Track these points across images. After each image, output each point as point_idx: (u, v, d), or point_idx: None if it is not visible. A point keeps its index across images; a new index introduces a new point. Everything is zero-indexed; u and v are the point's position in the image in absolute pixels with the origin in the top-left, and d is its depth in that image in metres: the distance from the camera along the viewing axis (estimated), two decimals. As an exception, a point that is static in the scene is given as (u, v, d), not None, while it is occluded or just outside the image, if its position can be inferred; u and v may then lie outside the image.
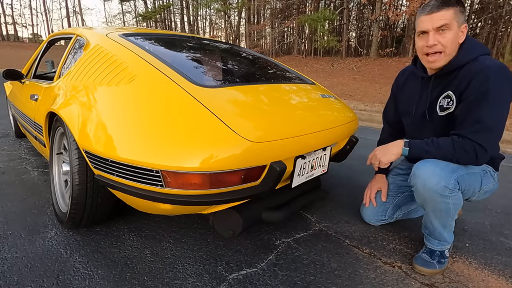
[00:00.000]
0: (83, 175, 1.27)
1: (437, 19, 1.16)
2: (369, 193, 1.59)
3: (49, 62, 8.87)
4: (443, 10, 1.15)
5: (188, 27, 27.01)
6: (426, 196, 1.21)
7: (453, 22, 1.16)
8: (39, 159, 2.51)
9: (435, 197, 1.18)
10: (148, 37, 1.77)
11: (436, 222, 1.26)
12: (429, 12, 1.18)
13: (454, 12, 1.15)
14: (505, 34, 12.63)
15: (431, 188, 1.18)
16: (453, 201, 1.19)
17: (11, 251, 1.31)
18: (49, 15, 50.82)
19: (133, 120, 1.14)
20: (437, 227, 1.27)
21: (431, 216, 1.26)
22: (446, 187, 1.15)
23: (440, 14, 1.16)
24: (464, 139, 1.15)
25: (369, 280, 1.21)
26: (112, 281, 1.15)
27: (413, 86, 1.43)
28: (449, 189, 1.16)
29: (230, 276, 1.20)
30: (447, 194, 1.16)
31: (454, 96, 1.23)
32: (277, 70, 1.99)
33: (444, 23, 1.15)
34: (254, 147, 1.06)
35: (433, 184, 1.16)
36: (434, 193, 1.17)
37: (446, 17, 1.15)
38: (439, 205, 1.20)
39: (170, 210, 1.16)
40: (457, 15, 1.16)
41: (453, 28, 1.17)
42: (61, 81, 1.65)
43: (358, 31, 20.64)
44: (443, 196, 1.17)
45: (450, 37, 1.17)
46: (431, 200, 1.21)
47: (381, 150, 1.33)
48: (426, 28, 1.19)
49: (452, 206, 1.20)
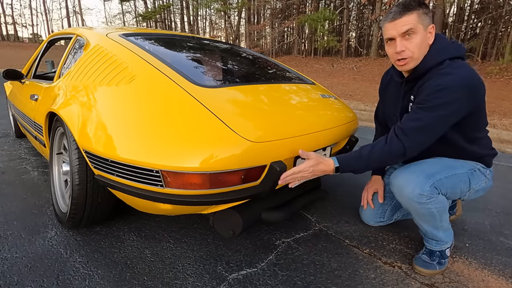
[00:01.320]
0: (83, 175, 1.27)
1: (401, 25, 1.14)
2: (366, 195, 1.59)
3: (49, 62, 8.87)
4: (406, 15, 1.13)
5: (188, 27, 27.01)
6: (404, 203, 1.23)
7: (418, 26, 1.14)
8: (39, 159, 2.51)
9: (413, 205, 1.20)
10: (148, 37, 1.77)
11: (424, 225, 1.27)
12: (392, 19, 1.16)
13: (417, 15, 1.14)
14: (505, 34, 12.62)
15: (406, 196, 1.19)
16: (434, 205, 1.19)
17: (11, 251, 1.31)
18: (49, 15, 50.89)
19: (133, 120, 1.14)
20: (428, 229, 1.28)
21: (418, 220, 1.28)
22: (421, 194, 1.15)
23: (404, 20, 1.14)
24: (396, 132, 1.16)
25: (369, 280, 1.21)
26: (112, 281, 1.15)
27: (393, 90, 1.43)
28: (425, 196, 1.16)
29: (230, 276, 1.20)
30: (424, 200, 1.16)
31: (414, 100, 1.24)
32: (277, 70, 1.99)
33: (409, 27, 1.14)
34: (254, 147, 1.06)
35: (408, 192, 1.18)
36: (411, 201, 1.19)
37: (409, 21, 1.13)
38: (420, 210, 1.21)
39: (170, 210, 1.16)
40: (421, 18, 1.14)
41: (419, 32, 1.15)
42: (61, 81, 1.65)
43: (358, 31, 20.64)
44: (420, 203, 1.17)
45: (417, 41, 1.15)
46: (411, 207, 1.22)
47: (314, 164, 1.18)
48: (392, 35, 1.18)
49: (436, 210, 1.20)
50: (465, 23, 14.77)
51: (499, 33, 13.86)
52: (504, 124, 4.39)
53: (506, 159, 2.82)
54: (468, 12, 16.69)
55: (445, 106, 1.10)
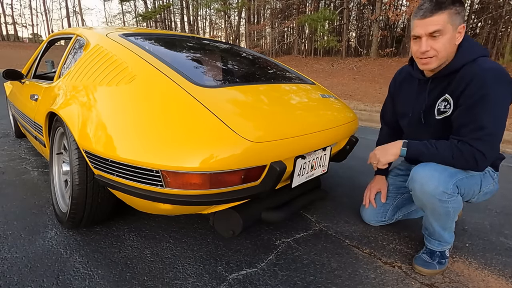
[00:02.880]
0: (83, 175, 1.27)
1: (429, 25, 1.11)
2: (369, 194, 1.58)
3: (49, 62, 8.87)
4: (436, 14, 1.10)
5: (188, 27, 27.00)
6: (424, 200, 1.21)
7: (447, 26, 1.11)
8: (39, 159, 2.51)
9: (433, 202, 1.18)
10: (148, 37, 1.77)
11: (435, 224, 1.26)
12: (421, 16, 1.13)
13: (449, 15, 1.10)
14: (505, 34, 12.63)
15: (429, 193, 1.17)
16: (453, 205, 1.18)
17: (11, 251, 1.31)
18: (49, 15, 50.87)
19: (133, 120, 1.14)
20: (437, 229, 1.26)
21: (431, 218, 1.26)
22: (445, 192, 1.14)
23: (433, 19, 1.11)
24: (464, 145, 1.12)
25: (369, 280, 1.21)
26: (112, 281, 1.15)
27: (410, 88, 1.40)
28: (448, 194, 1.15)
29: (230, 276, 1.20)
30: (446, 199, 1.15)
31: (452, 100, 1.20)
32: (277, 70, 1.99)
33: (437, 29, 1.11)
34: (254, 147, 1.06)
35: (431, 189, 1.16)
36: (432, 198, 1.17)
37: (439, 22, 1.10)
38: (438, 209, 1.19)
39: (170, 210, 1.16)
40: (452, 18, 1.11)
41: (447, 33, 1.12)
42: (61, 81, 1.65)
43: (358, 31, 20.64)
44: (441, 201, 1.16)
45: (443, 42, 1.13)
46: (430, 204, 1.20)
47: (381, 150, 1.32)
48: (419, 33, 1.15)
49: (452, 210, 1.19)
50: (465, 23, 14.75)
51: (499, 33, 13.86)
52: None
53: (506, 159, 2.83)
54: (468, 12, 16.69)
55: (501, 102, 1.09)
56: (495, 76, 1.09)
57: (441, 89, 1.25)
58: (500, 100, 1.10)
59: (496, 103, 1.09)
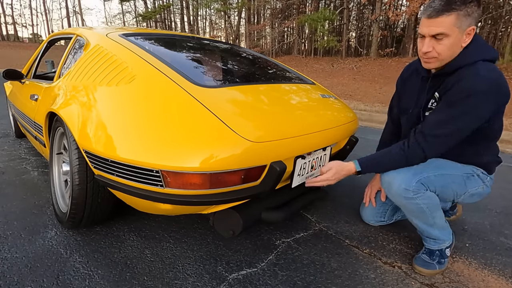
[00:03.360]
0: (83, 175, 1.27)
1: (434, 26, 1.08)
2: (369, 193, 1.59)
3: (49, 62, 8.87)
4: (443, 16, 1.05)
5: (188, 27, 27.00)
6: (393, 199, 1.27)
7: (453, 29, 1.06)
8: (39, 159, 2.51)
9: (400, 200, 1.23)
10: (148, 37, 1.77)
11: (416, 221, 1.29)
12: (428, 16, 1.09)
13: (457, 17, 1.04)
14: (505, 34, 12.64)
15: (394, 192, 1.22)
16: (422, 201, 1.20)
17: (11, 251, 1.31)
18: (49, 15, 50.84)
19: (133, 120, 1.14)
20: (421, 226, 1.29)
21: (410, 216, 1.31)
22: (407, 189, 1.17)
23: (438, 21, 1.06)
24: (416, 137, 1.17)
25: (369, 280, 1.21)
26: (112, 281, 1.15)
27: (414, 84, 1.39)
28: (411, 191, 1.18)
29: (230, 276, 1.20)
30: (411, 195, 1.18)
31: (438, 97, 1.21)
32: (277, 70, 1.99)
33: (440, 32, 1.07)
34: (254, 147, 1.06)
35: (395, 188, 1.21)
36: (398, 196, 1.22)
37: (444, 25, 1.06)
38: (408, 206, 1.23)
39: (170, 210, 1.16)
40: (459, 20, 1.05)
41: (452, 36, 1.08)
42: (61, 81, 1.65)
43: (358, 31, 20.65)
44: (407, 198, 1.19)
45: (446, 44, 1.09)
46: (399, 202, 1.26)
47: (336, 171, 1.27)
48: (424, 32, 1.12)
49: (425, 206, 1.21)
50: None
51: (499, 33, 13.86)
52: (504, 124, 4.39)
53: (506, 159, 2.83)
54: (468, 12, 16.67)
55: (475, 111, 1.08)
56: (482, 85, 1.05)
57: (436, 88, 1.25)
58: (475, 108, 1.08)
59: (470, 111, 1.08)
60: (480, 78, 1.06)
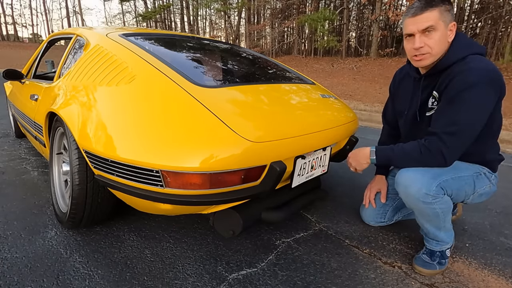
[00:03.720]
0: (83, 175, 1.27)
1: (421, 21, 1.13)
2: (369, 194, 1.58)
3: (49, 62, 8.87)
4: (427, 11, 1.12)
5: (188, 27, 27.00)
6: (409, 203, 1.23)
7: (439, 23, 1.13)
8: (39, 159, 2.51)
9: (418, 204, 1.19)
10: (148, 37, 1.77)
11: (427, 225, 1.27)
12: (413, 14, 1.15)
13: (439, 12, 1.12)
14: (505, 34, 12.62)
15: (412, 196, 1.18)
16: (439, 205, 1.18)
17: (11, 251, 1.31)
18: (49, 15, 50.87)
19: (133, 120, 1.14)
20: (430, 229, 1.27)
21: (421, 219, 1.28)
22: (427, 194, 1.15)
23: (425, 16, 1.13)
24: (431, 141, 1.14)
25: (369, 280, 1.21)
26: (112, 281, 1.15)
27: (407, 86, 1.41)
28: (431, 196, 1.15)
29: (230, 276, 1.20)
30: (430, 200, 1.16)
31: (437, 96, 1.22)
32: (277, 70, 1.99)
33: (429, 24, 1.13)
34: (254, 147, 1.06)
35: (414, 191, 1.17)
36: (416, 200, 1.18)
37: (430, 18, 1.12)
38: (425, 210, 1.20)
39: (170, 210, 1.16)
40: (442, 15, 1.13)
41: (439, 29, 1.13)
42: (61, 81, 1.65)
43: (358, 31, 20.63)
44: (425, 203, 1.17)
45: (436, 38, 1.14)
46: (415, 206, 1.22)
47: (353, 159, 1.37)
48: (412, 31, 1.17)
49: (440, 211, 1.20)
50: (465, 23, 14.76)
51: (499, 33, 13.86)
52: (504, 124, 4.39)
53: (506, 159, 2.83)
54: (468, 12, 16.69)
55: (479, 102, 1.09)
56: (480, 76, 1.08)
57: (432, 86, 1.26)
58: (478, 99, 1.09)
59: (474, 102, 1.09)
60: (476, 70, 1.09)
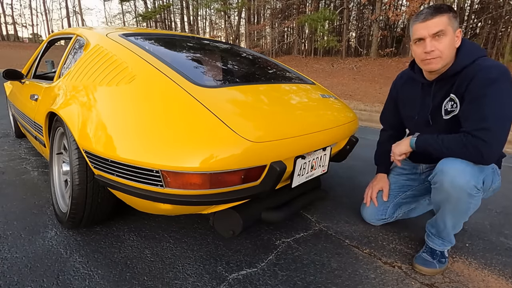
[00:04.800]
0: (83, 175, 1.27)
1: (432, 26, 1.17)
2: (370, 192, 1.59)
3: (49, 62, 8.87)
4: (437, 17, 1.17)
5: (188, 27, 27.00)
6: (453, 193, 1.17)
7: (448, 28, 1.17)
8: (39, 159, 2.51)
9: (461, 196, 1.15)
10: (148, 37, 1.77)
11: (450, 222, 1.24)
12: (423, 19, 1.19)
13: (448, 18, 1.17)
14: (505, 34, 12.62)
15: (460, 187, 1.14)
16: (476, 201, 1.18)
17: (11, 251, 1.31)
18: (49, 15, 50.87)
19: (133, 120, 1.14)
20: (449, 227, 1.25)
21: (449, 214, 1.23)
22: (475, 186, 1.13)
23: (435, 21, 1.17)
24: (468, 137, 1.14)
25: (369, 280, 1.21)
26: (112, 281, 1.15)
27: (413, 91, 1.42)
28: (477, 189, 1.14)
29: (230, 276, 1.20)
30: (474, 193, 1.14)
31: (457, 99, 1.23)
32: (277, 70, 1.99)
33: (440, 29, 1.17)
34: (254, 147, 1.06)
35: (462, 182, 1.13)
36: (463, 192, 1.14)
37: (441, 23, 1.17)
38: (462, 204, 1.17)
39: (170, 210, 1.16)
40: (451, 21, 1.18)
41: (448, 34, 1.18)
42: (61, 81, 1.65)
43: (358, 31, 20.64)
44: (470, 195, 1.14)
45: (446, 43, 1.18)
46: (456, 198, 1.17)
47: (396, 144, 1.40)
48: (423, 35, 1.20)
49: (472, 207, 1.19)
50: (465, 23, 14.76)
51: (499, 33, 13.86)
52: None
53: (506, 159, 2.82)
54: (468, 12, 16.69)
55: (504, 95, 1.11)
56: (498, 72, 1.13)
57: (445, 91, 1.28)
58: (502, 92, 1.11)
59: (499, 96, 1.11)
60: (494, 67, 1.14)
